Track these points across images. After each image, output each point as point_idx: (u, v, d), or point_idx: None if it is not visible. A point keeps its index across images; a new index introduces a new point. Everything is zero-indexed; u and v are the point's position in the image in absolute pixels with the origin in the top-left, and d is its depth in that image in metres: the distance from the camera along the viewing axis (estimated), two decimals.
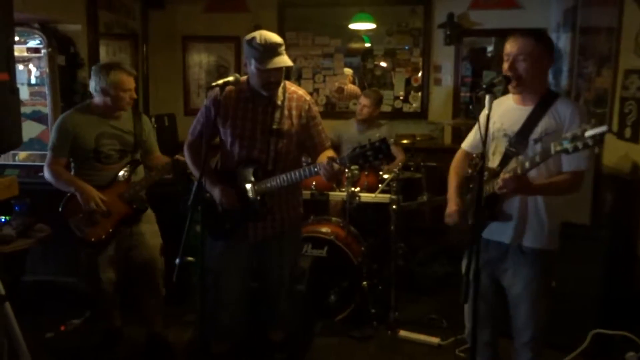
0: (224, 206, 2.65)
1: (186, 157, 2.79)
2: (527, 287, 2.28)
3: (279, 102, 2.62)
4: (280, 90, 2.62)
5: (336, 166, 2.32)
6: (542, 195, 2.21)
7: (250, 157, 2.64)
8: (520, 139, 2.20)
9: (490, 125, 2.31)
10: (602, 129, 1.70)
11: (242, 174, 2.64)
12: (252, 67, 2.50)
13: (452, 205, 2.45)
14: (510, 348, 2.45)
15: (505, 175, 2.06)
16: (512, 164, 2.18)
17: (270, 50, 2.43)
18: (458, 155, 2.58)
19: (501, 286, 2.38)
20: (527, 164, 2.03)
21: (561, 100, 2.20)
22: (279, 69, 2.49)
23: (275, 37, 2.46)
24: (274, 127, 2.60)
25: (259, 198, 2.61)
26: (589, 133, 1.73)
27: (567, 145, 1.80)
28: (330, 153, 2.60)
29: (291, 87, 2.69)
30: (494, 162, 2.30)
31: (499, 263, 2.34)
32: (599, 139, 1.71)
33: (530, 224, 2.24)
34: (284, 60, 2.47)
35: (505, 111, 2.31)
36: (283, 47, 2.48)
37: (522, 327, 2.34)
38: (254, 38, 2.45)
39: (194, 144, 2.74)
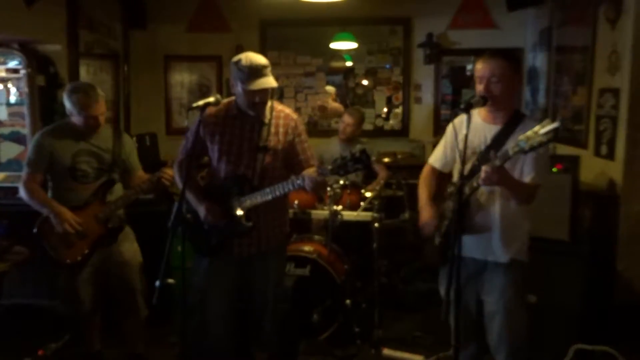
0: (209, 223, 2.65)
1: (175, 174, 2.82)
2: (501, 299, 2.30)
3: (266, 120, 2.67)
4: (267, 109, 2.67)
5: (319, 177, 2.39)
6: (514, 191, 2.22)
7: (236, 173, 2.66)
8: (492, 152, 2.23)
9: (459, 142, 2.36)
10: (555, 124, 1.78)
11: (228, 189, 2.66)
12: (238, 88, 2.57)
13: (425, 214, 2.48)
14: None
15: (486, 168, 2.07)
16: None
17: (256, 71, 2.50)
18: (425, 170, 2.63)
19: (482, 301, 2.40)
20: (497, 163, 2.06)
21: (528, 119, 2.28)
22: (264, 89, 2.55)
23: (260, 59, 2.53)
24: (261, 144, 2.64)
25: (244, 213, 2.62)
26: (542, 130, 1.80)
27: (523, 145, 1.87)
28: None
29: (278, 106, 2.76)
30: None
31: (477, 277, 2.37)
32: (552, 136, 1.78)
33: (499, 237, 2.28)
34: (269, 81, 2.53)
35: (473, 128, 2.34)
36: (269, 69, 2.55)
37: (498, 341, 2.34)
38: (239, 60, 2.52)
39: (183, 162, 2.75)
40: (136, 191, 2.96)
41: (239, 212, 2.61)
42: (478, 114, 2.37)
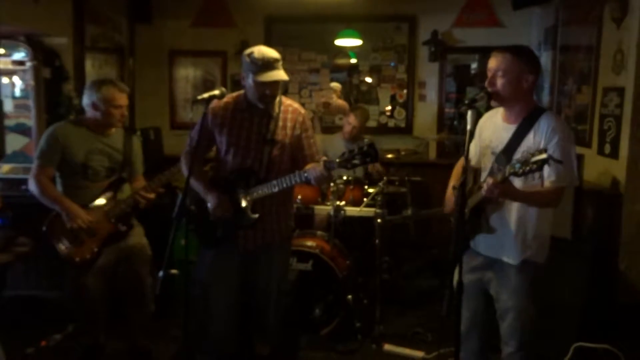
0: (216, 213, 2.67)
1: (182, 165, 2.84)
2: (512, 297, 2.30)
3: (274, 114, 2.69)
4: (276, 103, 2.70)
5: (325, 170, 2.41)
6: (524, 202, 2.22)
7: (243, 165, 2.68)
8: (504, 157, 2.23)
9: (480, 141, 2.37)
10: (542, 156, 1.83)
11: (234, 181, 2.68)
12: (249, 80, 2.59)
13: (446, 195, 2.53)
14: None
15: (488, 181, 2.08)
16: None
17: (267, 64, 2.52)
18: (458, 163, 2.61)
19: (489, 295, 2.40)
20: (498, 178, 2.07)
21: (545, 117, 2.20)
22: (275, 82, 2.57)
23: (272, 53, 2.56)
24: (269, 137, 2.66)
25: (250, 205, 2.63)
26: (533, 159, 1.85)
27: (517, 168, 1.90)
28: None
29: (287, 100, 2.78)
30: (483, 177, 2.33)
31: (484, 271, 2.37)
32: (541, 165, 1.83)
33: (516, 238, 2.26)
34: (280, 74, 2.56)
35: (494, 128, 2.35)
36: (280, 63, 2.58)
37: (508, 336, 2.35)
38: (252, 52, 2.55)
39: (190, 153, 2.76)
40: (146, 190, 2.97)
41: (245, 204, 2.63)
42: (501, 114, 2.35)
